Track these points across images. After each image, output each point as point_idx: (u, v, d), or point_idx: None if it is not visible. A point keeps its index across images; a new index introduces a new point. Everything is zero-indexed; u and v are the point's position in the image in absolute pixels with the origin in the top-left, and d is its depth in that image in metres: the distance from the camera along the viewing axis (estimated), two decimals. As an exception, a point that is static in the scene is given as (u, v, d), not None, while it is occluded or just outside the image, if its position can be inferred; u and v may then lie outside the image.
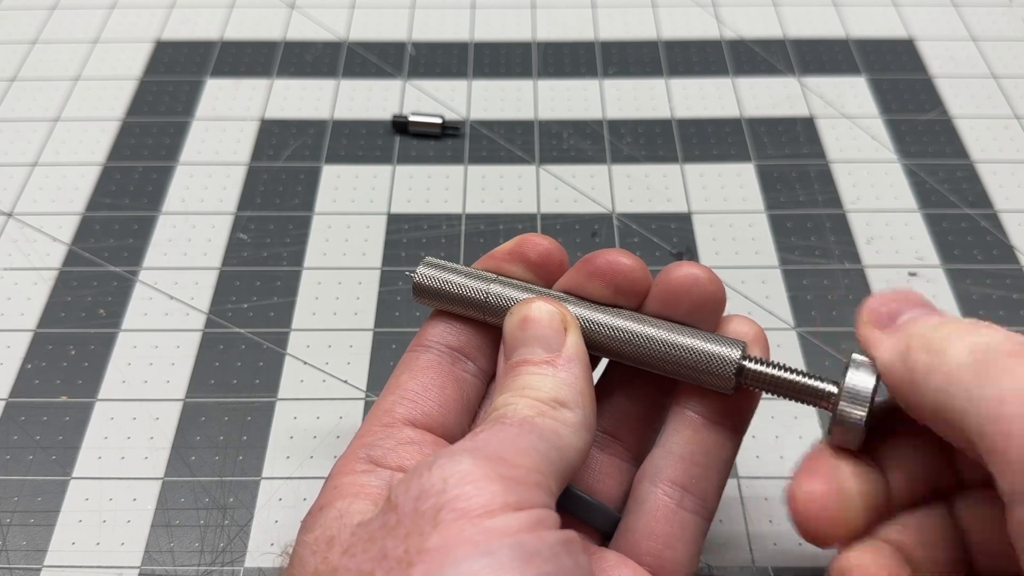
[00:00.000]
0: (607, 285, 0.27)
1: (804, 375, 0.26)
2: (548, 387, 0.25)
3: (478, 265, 0.30)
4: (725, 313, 0.28)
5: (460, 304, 0.29)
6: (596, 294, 0.28)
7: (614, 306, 0.28)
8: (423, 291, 0.29)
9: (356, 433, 0.27)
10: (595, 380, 0.29)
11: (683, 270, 0.27)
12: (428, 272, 0.29)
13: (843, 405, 0.25)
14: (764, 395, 0.28)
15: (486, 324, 0.29)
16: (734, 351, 0.26)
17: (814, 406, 0.27)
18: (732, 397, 0.27)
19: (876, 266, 0.42)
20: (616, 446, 0.30)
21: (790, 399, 0.27)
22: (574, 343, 0.26)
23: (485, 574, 0.19)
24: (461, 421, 0.28)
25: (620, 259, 0.27)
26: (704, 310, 0.27)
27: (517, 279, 0.29)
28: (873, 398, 0.25)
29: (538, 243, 0.29)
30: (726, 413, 0.28)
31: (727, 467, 0.28)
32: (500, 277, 0.29)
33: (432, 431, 0.27)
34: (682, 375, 0.27)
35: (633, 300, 0.28)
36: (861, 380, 0.25)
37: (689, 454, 0.27)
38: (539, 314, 0.26)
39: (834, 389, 0.26)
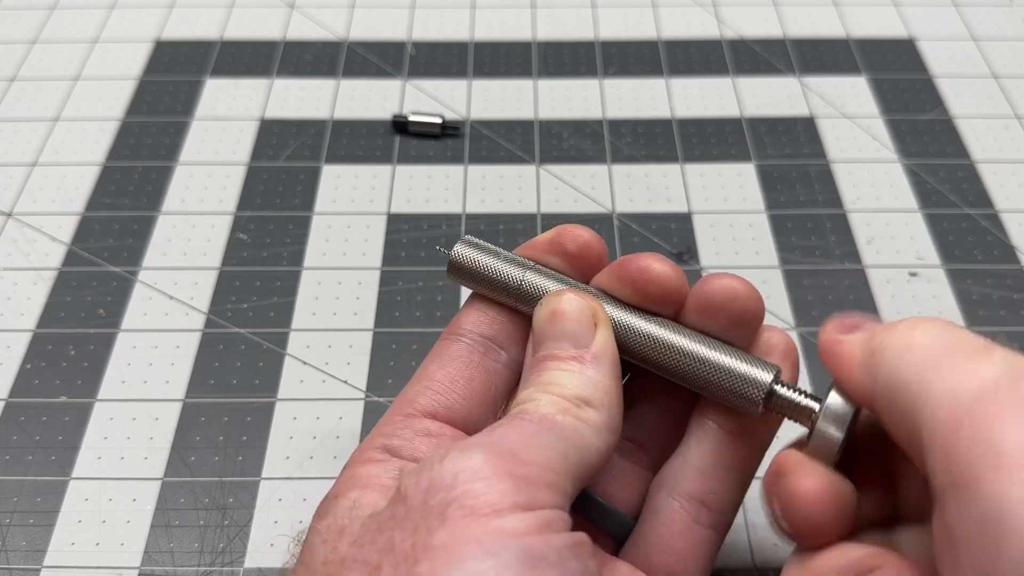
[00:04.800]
0: (636, 291, 0.26)
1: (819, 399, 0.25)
2: (573, 384, 0.24)
3: (518, 252, 0.28)
4: None
5: (493, 288, 0.27)
6: (626, 300, 0.27)
7: (651, 312, 0.27)
8: (458, 270, 0.28)
9: (378, 422, 0.26)
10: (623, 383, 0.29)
11: (723, 282, 0.26)
12: (465, 251, 0.28)
13: (822, 423, 0.24)
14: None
15: (521, 312, 0.27)
16: (766, 374, 0.25)
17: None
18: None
19: (877, 266, 0.42)
20: (638, 454, 0.28)
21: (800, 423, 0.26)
22: (604, 340, 0.25)
23: None
24: (486, 415, 0.27)
25: (653, 265, 0.26)
26: (740, 325, 0.26)
27: (556, 271, 0.28)
28: (854, 420, 0.24)
29: (578, 234, 0.27)
30: (751, 428, 0.26)
31: (747, 482, 0.27)
32: (538, 265, 0.28)
33: (454, 424, 0.26)
34: (709, 392, 0.26)
35: (666, 308, 0.26)
36: (842, 402, 0.24)
37: (709, 467, 0.26)
38: (569, 307, 0.25)
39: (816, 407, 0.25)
